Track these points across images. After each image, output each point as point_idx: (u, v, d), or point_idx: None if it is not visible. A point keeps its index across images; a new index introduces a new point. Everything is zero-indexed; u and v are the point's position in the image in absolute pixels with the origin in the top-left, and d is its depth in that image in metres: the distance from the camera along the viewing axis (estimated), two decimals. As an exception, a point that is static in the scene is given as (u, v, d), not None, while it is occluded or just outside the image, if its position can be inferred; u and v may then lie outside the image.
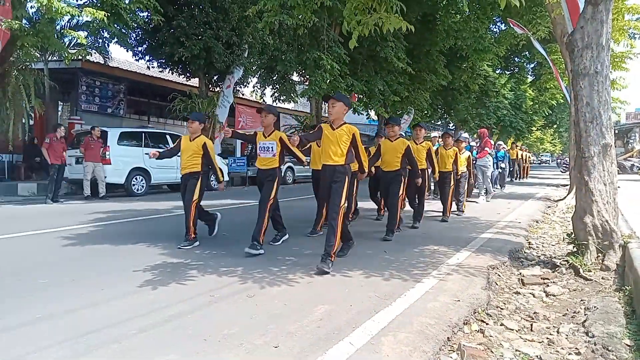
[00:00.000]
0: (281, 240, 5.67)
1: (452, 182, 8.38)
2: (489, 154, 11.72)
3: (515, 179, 20.58)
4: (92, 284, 3.89)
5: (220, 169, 5.93)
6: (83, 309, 3.25)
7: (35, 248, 5.43)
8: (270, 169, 5.28)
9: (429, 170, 8.25)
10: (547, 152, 72.20)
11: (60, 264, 4.58)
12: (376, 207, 8.39)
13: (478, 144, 12.12)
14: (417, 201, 7.39)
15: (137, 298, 3.51)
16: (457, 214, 8.83)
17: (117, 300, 3.46)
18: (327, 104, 4.91)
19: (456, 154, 8.54)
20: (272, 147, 5.27)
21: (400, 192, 6.20)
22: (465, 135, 13.30)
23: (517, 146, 21.58)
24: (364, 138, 8.98)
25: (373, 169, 7.05)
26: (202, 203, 5.72)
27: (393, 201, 6.23)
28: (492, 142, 12.22)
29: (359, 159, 4.85)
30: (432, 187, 11.68)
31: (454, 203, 8.82)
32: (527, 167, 23.66)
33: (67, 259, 4.82)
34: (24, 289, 3.71)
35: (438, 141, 9.52)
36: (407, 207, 7.37)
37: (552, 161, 66.76)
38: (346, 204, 4.55)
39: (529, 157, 24.71)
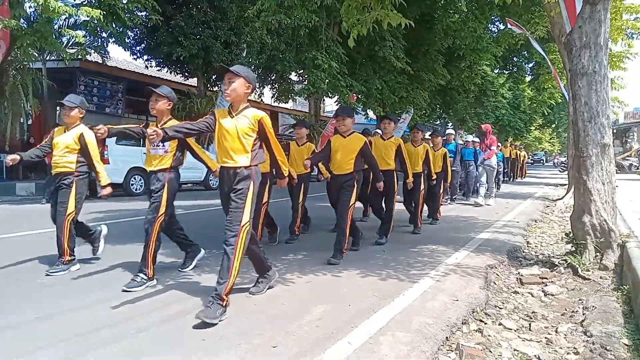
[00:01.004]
0: (194, 263, 4.39)
1: (422, 186, 6.89)
2: (495, 153, 10.95)
3: (511, 180, 20.13)
4: (90, 283, 3.88)
5: (100, 171, 4.60)
6: (81, 309, 3.24)
7: (33, 248, 5.41)
8: (159, 171, 3.96)
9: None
10: (542, 151, 66.66)
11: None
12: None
13: (480, 142, 11.32)
14: (384, 209, 6.12)
15: (134, 298, 3.50)
16: (430, 223, 7.58)
17: (114, 300, 3.45)
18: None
19: (427, 151, 6.91)
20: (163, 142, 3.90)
21: (351, 202, 4.84)
22: (450, 131, 12.03)
23: (511, 144, 21.16)
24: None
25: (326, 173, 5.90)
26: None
27: (342, 213, 4.84)
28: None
29: (273, 157, 3.49)
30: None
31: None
32: (525, 167, 23.39)
33: (65, 258, 4.80)
34: (23, 289, 3.70)
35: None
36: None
37: (547, 160, 63.20)
38: (249, 222, 3.23)
39: (525, 156, 24.28)
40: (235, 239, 3.14)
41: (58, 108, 18.27)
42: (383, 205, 6.15)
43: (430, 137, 8.26)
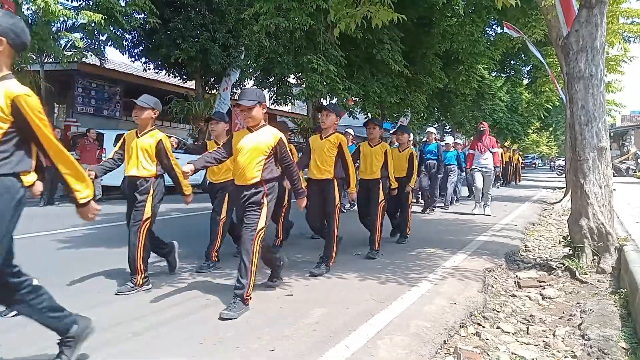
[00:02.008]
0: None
1: (381, 196, 5.23)
2: (499, 159, 9.81)
3: (505, 184, 19.57)
4: (86, 287, 3.87)
5: None
6: (79, 312, 3.22)
7: (30, 251, 5.38)
8: None
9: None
10: (539, 153, 59.35)
11: (54, 268, 4.55)
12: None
13: (476, 141, 9.56)
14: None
15: (131, 301, 3.49)
16: (397, 242, 6.13)
17: (111, 303, 3.44)
18: None
19: (385, 153, 5.32)
20: None
21: (261, 222, 3.34)
22: (431, 129, 10.43)
23: (503, 147, 20.61)
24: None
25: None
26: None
27: (248, 236, 3.32)
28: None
29: (49, 160, 2.26)
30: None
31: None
32: (519, 170, 22.94)
33: (62, 262, 4.80)
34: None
35: (394, 141, 8.25)
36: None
37: (541, 164, 59.32)
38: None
39: (519, 159, 23.71)
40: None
41: (56, 111, 18.32)
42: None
43: (395, 134, 6.60)
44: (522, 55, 22.30)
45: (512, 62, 24.74)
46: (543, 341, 2.87)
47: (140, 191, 3.83)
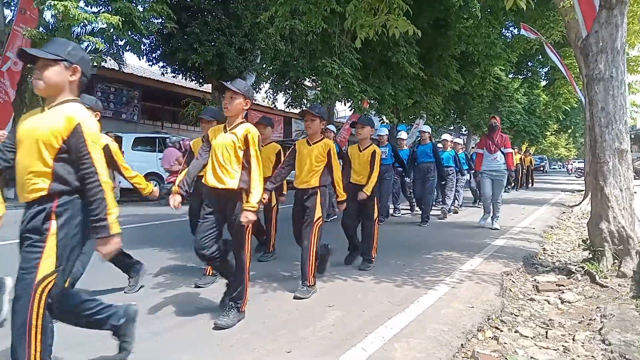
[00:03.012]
0: None
1: (317, 212, 3.88)
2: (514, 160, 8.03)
3: (517, 188, 17.63)
4: (105, 288, 3.93)
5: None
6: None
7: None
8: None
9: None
10: (542, 155, 48.72)
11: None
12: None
13: (486, 139, 7.76)
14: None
15: (149, 302, 3.53)
16: (361, 268, 4.70)
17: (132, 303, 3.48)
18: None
19: (329, 154, 3.98)
20: None
21: (41, 268, 2.00)
22: (426, 128, 8.97)
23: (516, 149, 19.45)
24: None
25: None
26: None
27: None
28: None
29: None
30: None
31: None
32: (532, 173, 21.99)
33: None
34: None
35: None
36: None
37: (551, 166, 54.31)
38: None
39: (532, 161, 22.74)
40: None
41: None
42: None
43: (354, 128, 5.06)
44: (540, 57, 22.08)
45: (529, 63, 24.53)
46: (562, 345, 2.83)
47: None
